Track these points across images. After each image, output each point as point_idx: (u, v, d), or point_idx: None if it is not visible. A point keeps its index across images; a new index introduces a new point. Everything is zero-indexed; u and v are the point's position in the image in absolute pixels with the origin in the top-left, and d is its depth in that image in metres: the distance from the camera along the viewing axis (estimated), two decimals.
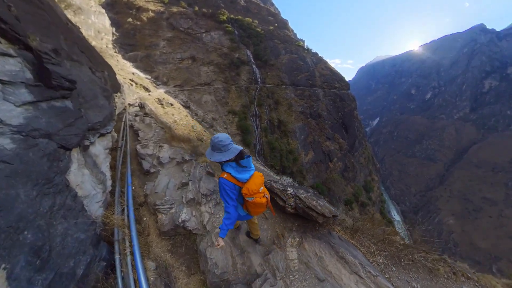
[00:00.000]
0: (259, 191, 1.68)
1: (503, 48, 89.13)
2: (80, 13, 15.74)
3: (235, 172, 1.66)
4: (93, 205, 2.33)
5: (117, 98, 10.94)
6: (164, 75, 26.58)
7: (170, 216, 2.95)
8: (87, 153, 2.60)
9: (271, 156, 25.29)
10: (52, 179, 1.75)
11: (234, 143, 1.74)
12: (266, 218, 3.05)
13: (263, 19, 47.79)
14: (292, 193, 2.91)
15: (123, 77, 18.02)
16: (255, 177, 1.71)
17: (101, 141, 3.08)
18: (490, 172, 55.86)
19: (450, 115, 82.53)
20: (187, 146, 5.77)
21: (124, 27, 27.55)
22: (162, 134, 6.96)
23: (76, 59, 3.24)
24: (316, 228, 2.86)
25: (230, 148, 1.63)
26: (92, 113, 2.80)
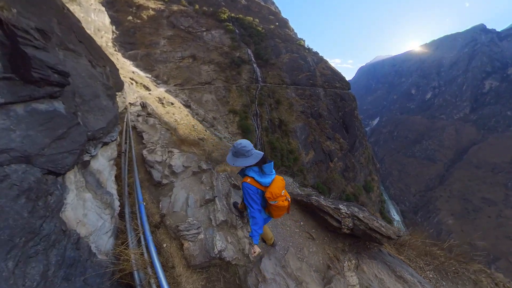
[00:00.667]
0: (281, 195, 1.71)
1: (503, 48, 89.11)
2: (79, 11, 15.58)
3: (258, 176, 1.69)
4: (101, 239, 1.85)
5: (118, 97, 10.75)
6: (165, 74, 26.41)
7: (200, 244, 2.41)
8: (87, 171, 2.05)
9: (272, 156, 25.22)
10: (37, 230, 1.13)
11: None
12: (313, 239, 2.77)
13: (264, 18, 47.57)
14: (348, 213, 2.59)
15: (123, 76, 17.87)
16: (277, 181, 1.74)
17: (104, 151, 2.53)
18: (490, 172, 56.01)
19: (450, 115, 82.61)
20: (199, 151, 5.36)
21: (124, 25, 27.33)
22: (169, 137, 6.51)
23: (73, 48, 2.59)
24: (367, 246, 2.65)
25: (253, 153, 1.67)
26: (92, 118, 2.22)
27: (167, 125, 8.62)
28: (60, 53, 2.23)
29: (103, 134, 2.34)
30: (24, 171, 1.18)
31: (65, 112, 1.71)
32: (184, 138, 6.67)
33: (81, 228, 1.61)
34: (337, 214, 2.62)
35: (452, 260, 2.90)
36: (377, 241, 2.42)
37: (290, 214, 3.11)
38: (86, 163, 2.01)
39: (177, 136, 6.79)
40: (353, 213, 2.58)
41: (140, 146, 5.53)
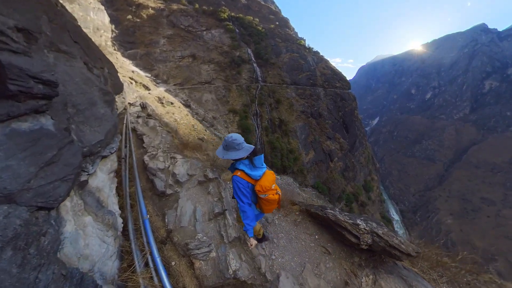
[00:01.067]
0: (272, 188, 1.71)
1: (504, 48, 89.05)
2: (78, 9, 15.47)
3: (248, 169, 1.69)
4: (105, 265, 1.67)
5: (117, 97, 10.59)
6: (164, 73, 26.32)
7: (213, 263, 2.28)
8: (85, 191, 1.83)
9: (272, 155, 25.21)
10: (32, 285, 0.93)
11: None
12: (329, 254, 2.68)
13: (264, 18, 47.39)
14: (366, 229, 2.52)
15: (123, 75, 17.80)
16: (267, 174, 1.75)
17: (103, 165, 2.28)
18: (489, 172, 56.16)
19: (450, 115, 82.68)
20: (202, 157, 5.11)
21: (124, 24, 27.18)
22: (170, 140, 6.27)
23: (65, 50, 2.30)
24: (383, 259, 2.59)
25: (244, 147, 1.69)
26: (89, 130, 1.95)
27: (168, 127, 8.36)
28: (50, 56, 1.93)
29: (101, 147, 2.06)
30: (7, 215, 0.92)
31: (54, 129, 1.38)
32: (186, 142, 6.39)
33: (83, 262, 1.40)
34: (356, 230, 2.53)
35: (463, 271, 2.87)
36: (397, 257, 2.35)
37: (304, 227, 3.11)
38: (83, 183, 1.78)
39: (178, 140, 6.56)
40: (372, 229, 2.49)
41: (141, 150, 5.31)
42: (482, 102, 78.67)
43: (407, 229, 52.27)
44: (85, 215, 1.67)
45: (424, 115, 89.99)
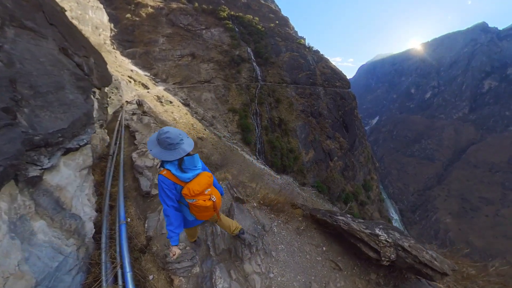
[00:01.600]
0: (204, 193, 1.47)
1: (503, 48, 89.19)
2: (76, 8, 15.35)
3: (176, 170, 1.44)
4: (61, 281, 1.38)
5: (114, 95, 9.90)
6: (164, 72, 26.21)
7: (195, 281, 1.90)
8: (39, 190, 1.54)
9: (272, 155, 25.20)
10: None
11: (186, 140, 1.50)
12: (339, 269, 2.28)
13: (264, 16, 47.24)
14: (389, 241, 2.05)
15: (122, 74, 17.71)
16: (201, 177, 1.49)
17: (70, 160, 2.02)
18: (488, 172, 56.38)
19: (449, 115, 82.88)
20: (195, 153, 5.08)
21: (123, 23, 27.02)
22: None
23: (32, 28, 2.06)
24: (405, 275, 2.21)
25: (177, 148, 1.40)
26: (48, 116, 1.73)
27: (162, 124, 8.40)
28: (11, 31, 1.74)
29: (63, 137, 1.79)
30: None
31: None
32: None
33: (15, 284, 1.06)
34: (375, 242, 2.07)
35: (491, 284, 2.55)
36: (428, 277, 1.90)
37: (309, 236, 2.69)
38: (35, 180, 1.46)
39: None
40: (396, 241, 2.04)
41: (132, 147, 5.09)
42: (481, 102, 78.87)
43: (406, 228, 52.49)
44: (35, 220, 1.37)
45: (424, 114, 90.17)
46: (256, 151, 24.71)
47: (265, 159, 24.75)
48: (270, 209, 2.92)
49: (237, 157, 19.82)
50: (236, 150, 21.61)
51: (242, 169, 15.76)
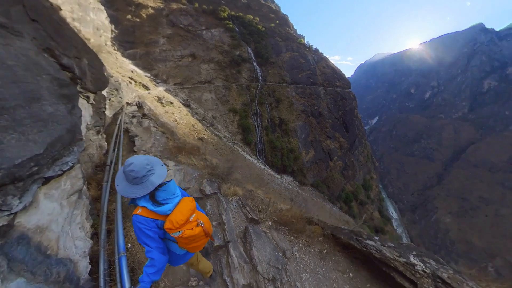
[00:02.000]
0: (189, 221, 1.26)
1: (503, 48, 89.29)
2: (78, 10, 15.41)
3: (151, 205, 1.24)
4: None
5: (114, 96, 9.58)
6: (164, 73, 26.29)
7: None
8: (11, 240, 1.18)
9: (272, 155, 25.29)
10: None
11: (161, 167, 1.29)
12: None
13: (264, 16, 47.28)
14: (426, 271, 1.89)
15: (122, 75, 17.79)
16: (182, 204, 1.28)
17: (52, 190, 1.59)
18: (488, 172, 56.50)
19: (449, 114, 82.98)
20: (199, 162, 4.39)
21: (123, 24, 27.09)
22: (164, 142, 5.71)
23: (2, 24, 1.69)
24: None
25: (145, 182, 1.19)
26: (15, 140, 1.28)
27: (163, 127, 7.87)
28: None
29: (38, 166, 1.33)
30: None
31: None
32: (182, 145, 5.75)
33: None
34: (411, 272, 1.89)
35: None
36: None
37: (334, 261, 2.45)
38: (3, 230, 1.13)
39: (174, 142, 6.02)
40: (434, 271, 1.86)
41: (131, 154, 4.90)
42: (481, 102, 78.97)
43: (406, 227, 52.61)
44: (10, 280, 1.04)
45: (423, 114, 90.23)
46: (257, 151, 24.80)
47: (265, 159, 24.85)
48: (288, 230, 2.70)
49: (238, 158, 19.89)
50: (237, 150, 21.69)
51: (246, 174, 15.52)
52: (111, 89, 9.63)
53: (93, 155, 3.95)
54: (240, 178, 4.01)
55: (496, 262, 37.21)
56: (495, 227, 44.01)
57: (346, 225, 19.17)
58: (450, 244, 43.78)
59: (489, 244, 40.75)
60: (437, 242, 45.66)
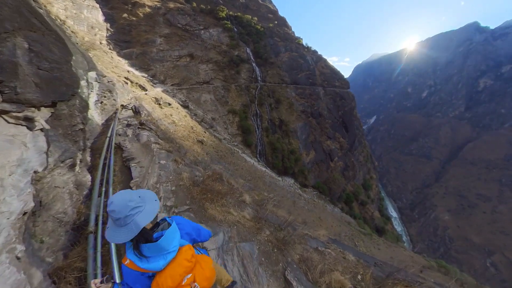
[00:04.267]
0: (181, 284, 1.03)
1: (498, 47, 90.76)
2: (71, 7, 14.83)
3: (139, 259, 1.02)
4: None
5: (107, 99, 8.47)
6: (161, 73, 25.71)
7: None
8: None
9: (273, 156, 24.93)
10: None
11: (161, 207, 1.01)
12: None
13: (263, 16, 46.97)
14: None
15: (118, 75, 17.20)
16: (175, 263, 1.04)
17: None
18: (484, 169, 57.20)
19: (445, 113, 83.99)
20: (244, 215, 3.03)
21: (119, 22, 26.41)
22: (175, 172, 3.83)
23: None
24: None
25: (129, 223, 0.98)
26: None
27: (169, 144, 5.83)
28: None
29: None
30: None
31: None
32: (204, 180, 3.69)
33: None
34: None
35: None
36: None
37: None
38: None
39: (188, 174, 3.85)
40: None
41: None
42: (477, 100, 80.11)
43: (405, 226, 52.93)
44: None
45: (421, 113, 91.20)
46: (257, 153, 24.41)
47: (266, 161, 24.47)
48: None
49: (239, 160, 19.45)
50: (237, 152, 21.27)
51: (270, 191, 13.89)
52: (104, 90, 8.63)
53: (65, 211, 2.50)
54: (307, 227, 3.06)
55: (494, 258, 37.58)
56: (493, 223, 44.51)
57: (348, 226, 18.75)
58: (449, 241, 44.12)
59: (488, 241, 41.18)
60: (436, 239, 45.99)
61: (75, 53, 6.06)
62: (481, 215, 47.96)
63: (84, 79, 5.98)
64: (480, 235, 43.95)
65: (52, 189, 2.48)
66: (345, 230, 16.32)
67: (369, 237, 17.20)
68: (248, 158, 21.69)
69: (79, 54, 6.85)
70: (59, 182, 2.67)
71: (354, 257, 3.17)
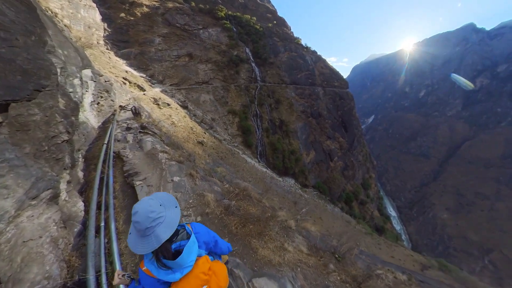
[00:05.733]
0: None
1: (493, 47, 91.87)
2: (68, 7, 14.56)
3: (156, 269, 1.01)
4: None
5: (104, 99, 7.86)
6: (160, 73, 25.45)
7: None
8: None
9: (274, 157, 24.81)
10: None
11: (181, 217, 0.93)
12: None
13: (261, 16, 46.87)
14: None
15: (116, 75, 16.94)
16: (193, 275, 1.02)
17: None
18: (482, 167, 57.74)
19: (443, 112, 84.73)
20: (301, 256, 2.31)
21: (117, 22, 26.09)
22: (192, 189, 3.09)
23: None
24: None
25: (149, 235, 0.95)
26: None
27: (177, 151, 4.62)
28: None
29: None
30: None
31: None
32: (235, 203, 2.99)
33: None
34: None
35: None
36: None
37: None
38: None
39: (212, 192, 3.15)
40: None
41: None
42: (474, 99, 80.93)
43: (404, 224, 53.19)
44: None
45: (419, 112, 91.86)
46: (258, 153, 24.26)
47: (266, 161, 24.34)
48: None
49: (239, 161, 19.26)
50: (238, 153, 21.10)
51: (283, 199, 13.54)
52: (100, 90, 8.08)
53: (48, 274, 1.71)
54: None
55: (492, 256, 37.88)
56: (491, 221, 44.91)
57: (348, 225, 18.71)
58: (447, 239, 44.41)
59: (486, 239, 41.51)
60: (435, 238, 46.27)
61: (66, 46, 5.56)
62: (479, 213, 48.37)
63: (77, 77, 5.49)
64: (478, 233, 44.31)
65: (18, 249, 1.58)
66: (347, 230, 16.35)
67: (370, 237, 17.22)
68: (249, 159, 21.53)
69: (72, 49, 6.20)
70: (32, 231, 1.74)
71: (404, 276, 2.96)
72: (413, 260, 13.81)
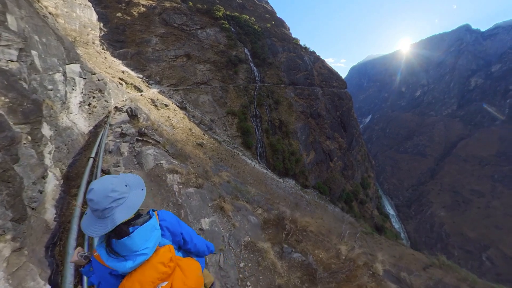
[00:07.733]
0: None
1: (487, 47, 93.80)
2: (62, 5, 14.15)
3: (106, 254, 0.88)
4: None
5: (96, 100, 7.16)
6: (157, 74, 25.04)
7: None
8: None
9: (274, 158, 24.63)
10: None
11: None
12: None
13: (260, 17, 46.76)
14: None
15: (112, 76, 16.53)
16: (148, 266, 0.86)
17: None
18: (478, 165, 58.68)
19: (439, 111, 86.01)
20: None
21: (113, 22, 25.60)
22: (232, 236, 2.26)
23: None
24: None
25: (107, 217, 0.84)
26: None
27: (192, 167, 3.36)
28: None
29: None
30: None
31: None
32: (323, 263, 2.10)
33: None
34: None
35: None
36: None
37: None
38: None
39: (269, 242, 2.31)
40: None
41: None
42: (469, 99, 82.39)
43: (403, 223, 53.65)
44: None
45: (415, 112, 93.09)
46: (258, 154, 24.06)
47: (267, 162, 24.15)
48: None
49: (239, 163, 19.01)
50: (238, 155, 20.85)
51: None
52: (92, 89, 7.12)
53: None
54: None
55: (489, 252, 38.42)
56: (487, 218, 45.60)
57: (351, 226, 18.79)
58: (445, 237, 44.93)
59: (483, 235, 42.10)
60: (433, 235, 46.75)
61: (44, 32, 4.40)
62: (475, 211, 49.08)
63: (59, 71, 4.49)
64: (475, 230, 44.93)
65: None
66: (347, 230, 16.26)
67: (371, 236, 17.21)
68: (249, 161, 21.30)
69: (53, 37, 4.93)
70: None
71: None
72: (415, 259, 13.83)
